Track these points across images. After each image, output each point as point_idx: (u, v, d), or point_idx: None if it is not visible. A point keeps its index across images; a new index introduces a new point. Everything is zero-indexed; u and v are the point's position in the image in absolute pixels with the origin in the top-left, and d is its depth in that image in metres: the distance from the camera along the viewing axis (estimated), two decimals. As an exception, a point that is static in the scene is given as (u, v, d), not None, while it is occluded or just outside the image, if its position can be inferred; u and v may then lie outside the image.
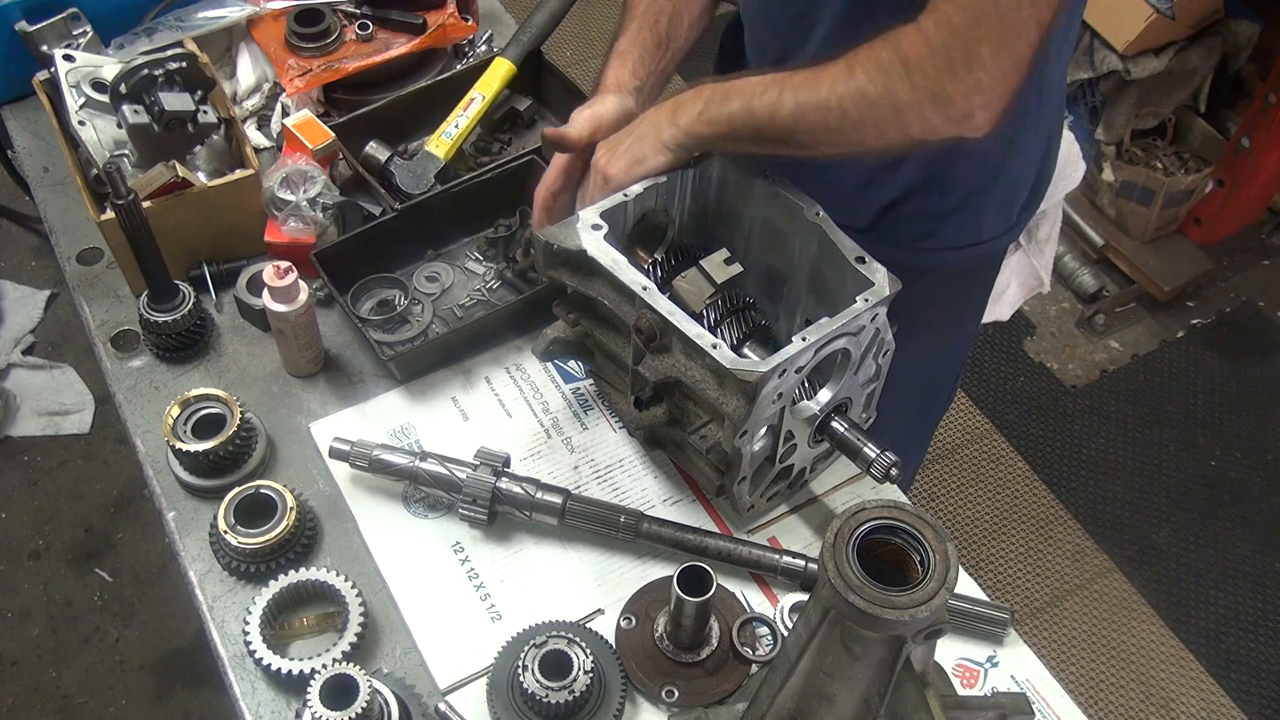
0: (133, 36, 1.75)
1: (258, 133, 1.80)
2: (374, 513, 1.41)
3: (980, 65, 1.10)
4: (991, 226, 1.56)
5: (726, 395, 1.20)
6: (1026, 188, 1.57)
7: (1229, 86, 3.33)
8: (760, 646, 1.30)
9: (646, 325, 1.24)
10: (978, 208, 1.52)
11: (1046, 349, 3.28)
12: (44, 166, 1.83)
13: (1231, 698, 2.62)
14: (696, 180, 1.39)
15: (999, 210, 1.55)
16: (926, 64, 1.12)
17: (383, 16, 1.82)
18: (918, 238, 1.54)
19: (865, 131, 1.19)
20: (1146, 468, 3.03)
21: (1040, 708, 1.28)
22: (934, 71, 1.12)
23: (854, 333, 1.24)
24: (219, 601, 1.34)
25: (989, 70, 1.10)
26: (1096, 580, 2.81)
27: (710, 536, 1.35)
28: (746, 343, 1.34)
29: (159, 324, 1.51)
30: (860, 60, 1.17)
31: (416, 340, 1.55)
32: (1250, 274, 3.46)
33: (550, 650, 1.20)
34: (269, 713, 1.26)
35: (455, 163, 1.71)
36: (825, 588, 0.85)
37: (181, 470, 1.42)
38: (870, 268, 1.25)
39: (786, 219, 1.35)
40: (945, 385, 1.94)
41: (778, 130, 1.24)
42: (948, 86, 1.12)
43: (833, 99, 1.18)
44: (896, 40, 1.14)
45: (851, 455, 1.32)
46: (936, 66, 1.12)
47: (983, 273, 1.71)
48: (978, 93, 1.12)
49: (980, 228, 1.55)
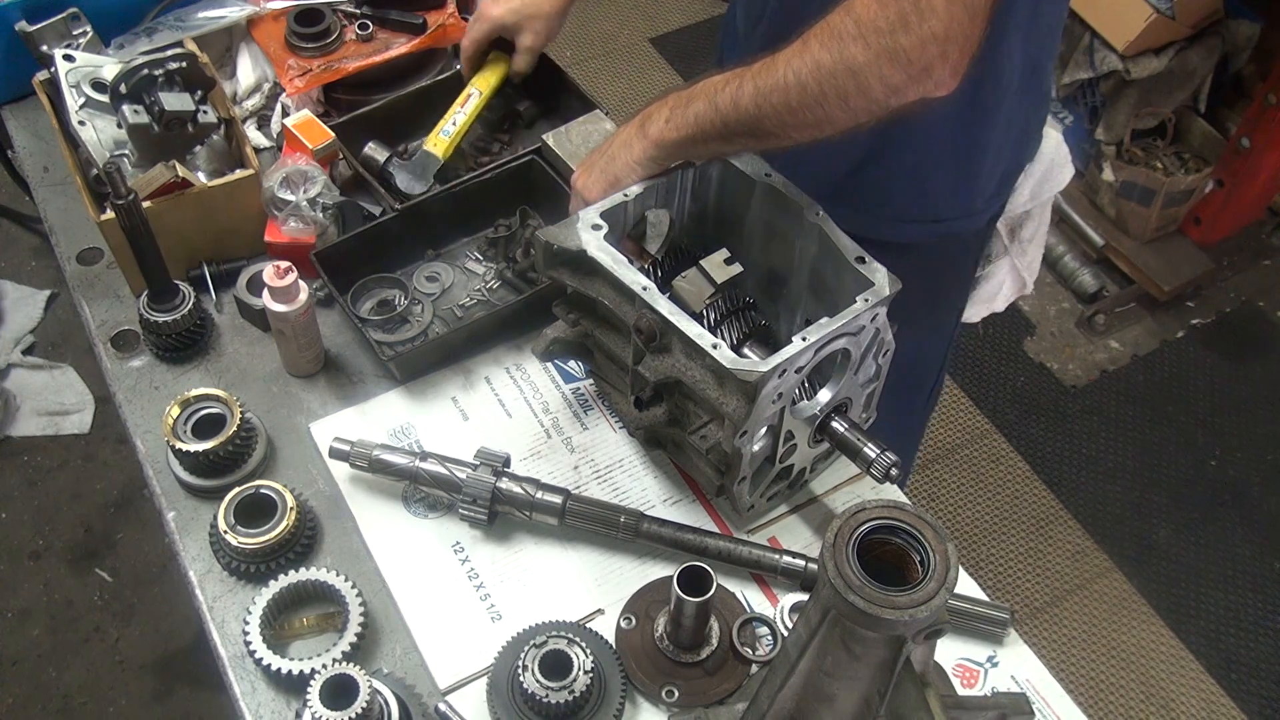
0: (133, 36, 1.75)
1: (258, 133, 1.80)
2: (374, 513, 1.41)
3: (933, 14, 1.09)
4: (948, 205, 1.57)
5: (726, 395, 1.20)
6: (991, 175, 1.57)
7: (1229, 86, 3.33)
8: (760, 646, 1.30)
9: (646, 325, 1.24)
10: (931, 180, 1.53)
11: (1046, 349, 3.28)
12: (44, 166, 1.83)
13: (1231, 698, 2.62)
14: (696, 180, 1.39)
15: (956, 189, 1.56)
16: (879, 19, 1.11)
17: (383, 16, 1.82)
18: (871, 205, 1.54)
19: (829, 104, 1.17)
20: (1146, 468, 3.03)
21: (1040, 708, 1.28)
22: (886, 26, 1.11)
23: (854, 333, 1.24)
24: (219, 601, 1.34)
25: (942, 18, 1.09)
26: (1096, 580, 2.81)
27: (710, 536, 1.35)
28: (746, 343, 1.34)
29: (159, 324, 1.51)
30: (814, 33, 1.17)
31: (416, 340, 1.55)
32: (1250, 274, 3.46)
33: (550, 650, 1.20)
34: (269, 713, 1.26)
35: (455, 161, 1.71)
36: (825, 588, 0.85)
37: (181, 470, 1.42)
38: (870, 268, 1.25)
39: (786, 219, 1.35)
40: (924, 379, 1.94)
41: (743, 121, 1.23)
42: (902, 40, 1.11)
43: (790, 76, 1.18)
44: (848, 5, 1.15)
45: (851, 455, 1.32)
46: (889, 20, 1.11)
47: (951, 259, 1.71)
48: (933, 43, 1.10)
49: (935, 204, 1.56)
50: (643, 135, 1.32)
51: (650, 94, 3.78)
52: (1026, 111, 1.55)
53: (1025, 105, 1.53)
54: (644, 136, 1.32)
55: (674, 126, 1.29)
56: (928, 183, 1.54)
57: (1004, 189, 1.63)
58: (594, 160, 1.37)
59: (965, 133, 1.49)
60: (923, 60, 1.12)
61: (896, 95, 1.15)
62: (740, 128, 1.25)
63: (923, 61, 1.12)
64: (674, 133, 1.29)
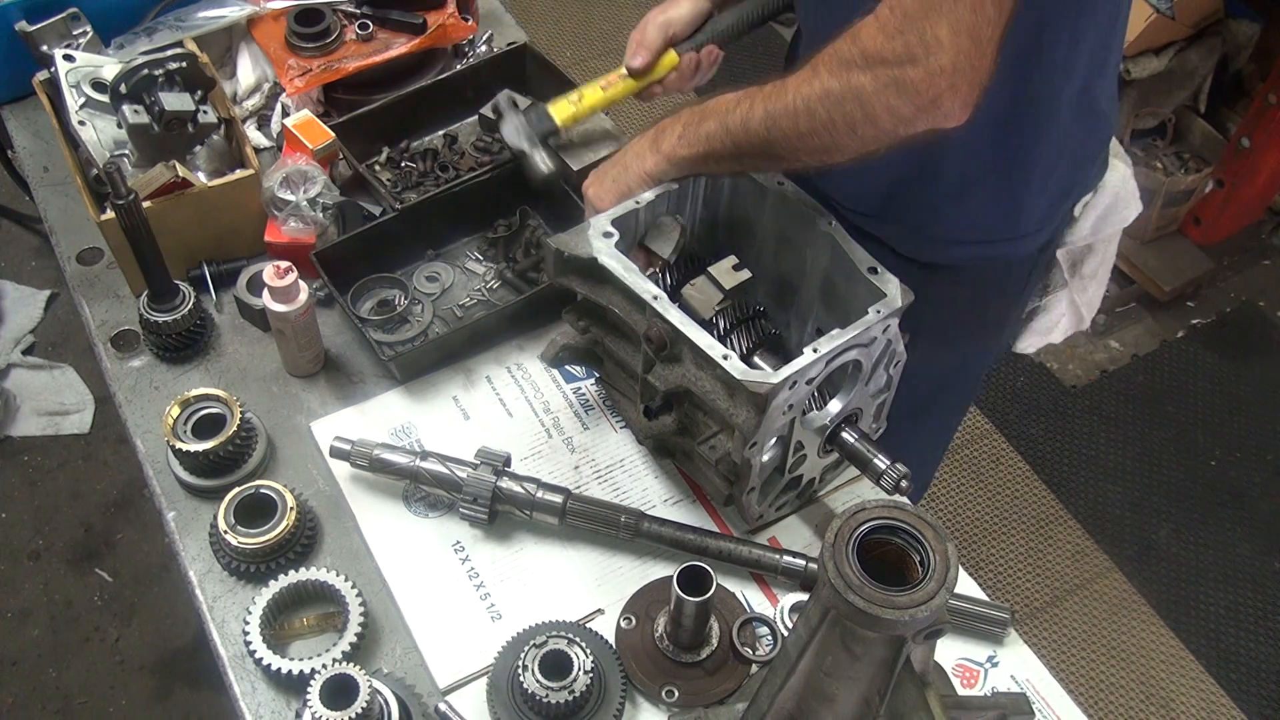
0: (133, 36, 1.75)
1: (258, 133, 1.80)
2: (374, 512, 1.41)
3: (939, 48, 1.08)
4: (994, 227, 1.55)
5: (737, 406, 1.19)
6: (1039, 198, 1.53)
7: (1229, 86, 3.33)
8: (760, 646, 1.30)
9: (657, 334, 1.23)
10: (974, 199, 1.51)
11: (1046, 349, 3.28)
12: (44, 166, 1.83)
13: (1231, 698, 2.62)
14: (708, 188, 1.39)
15: (1001, 211, 1.54)
16: (885, 51, 1.11)
17: (383, 16, 1.82)
18: (915, 224, 1.53)
19: (838, 131, 1.17)
20: (1146, 468, 3.03)
21: (1040, 708, 1.28)
22: (893, 58, 1.11)
23: (865, 344, 1.23)
24: (219, 601, 1.34)
25: (949, 52, 1.08)
26: (1096, 580, 2.81)
27: (710, 536, 1.35)
28: (757, 351, 1.33)
29: (159, 324, 1.51)
30: (823, 59, 1.17)
31: (416, 340, 1.55)
32: (1250, 274, 3.46)
33: (550, 650, 1.20)
34: (269, 713, 1.26)
35: (456, 160, 1.70)
36: (825, 588, 0.85)
37: (181, 470, 1.42)
38: (883, 278, 1.24)
39: (798, 228, 1.35)
40: (961, 401, 1.91)
41: (753, 143, 1.24)
42: (909, 73, 1.10)
43: (799, 101, 1.18)
44: (855, 33, 1.14)
45: (861, 466, 1.31)
46: (895, 53, 1.10)
47: (998, 284, 1.67)
48: (941, 76, 1.10)
49: (980, 225, 1.54)
50: (656, 149, 1.32)
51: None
52: (1079, 133, 1.50)
53: (1077, 127, 1.48)
54: (657, 150, 1.32)
55: (686, 143, 1.30)
56: (970, 201, 1.51)
57: (1055, 213, 1.58)
58: (606, 170, 1.38)
59: (1007, 152, 1.46)
60: (930, 93, 1.11)
61: (905, 125, 1.15)
62: (751, 149, 1.25)
63: (930, 94, 1.11)
64: (686, 149, 1.30)
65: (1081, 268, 1.75)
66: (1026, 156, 1.48)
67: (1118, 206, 1.65)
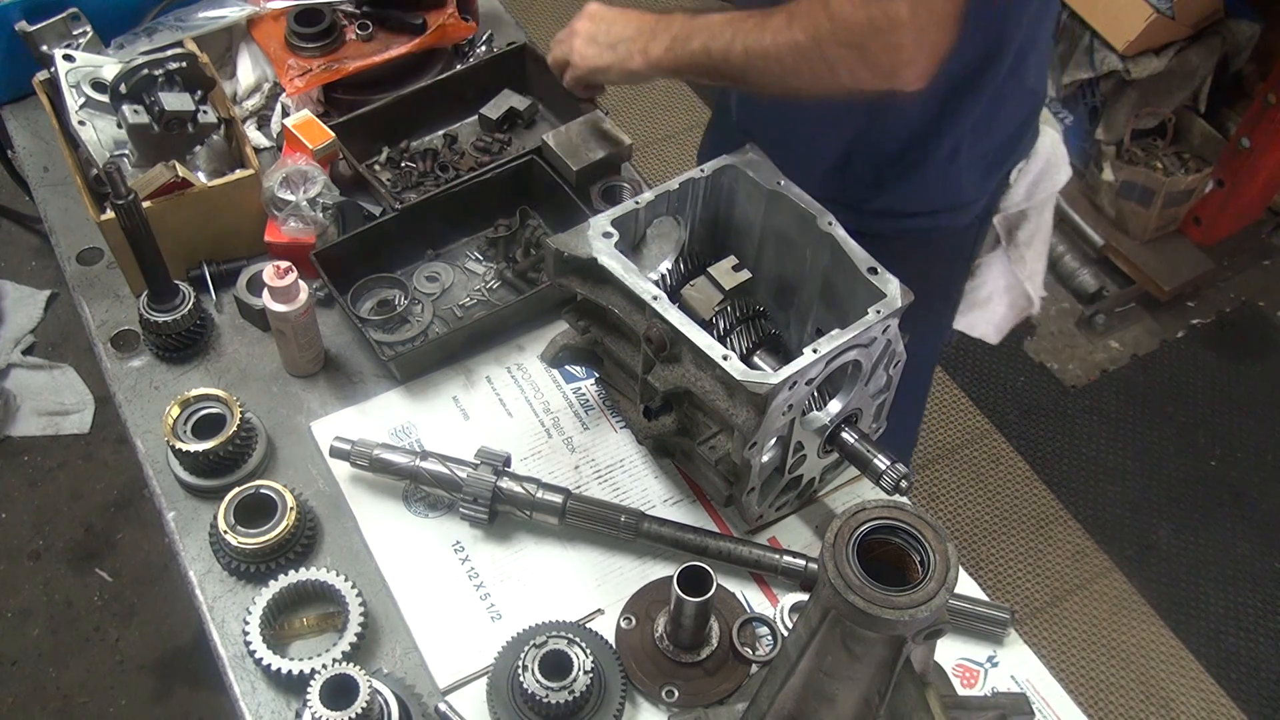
0: (133, 36, 1.75)
1: (258, 133, 1.80)
2: (374, 512, 1.41)
3: (900, 25, 1.16)
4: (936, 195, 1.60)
5: (736, 406, 1.19)
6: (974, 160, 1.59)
7: (1229, 86, 3.33)
8: (760, 646, 1.30)
9: (657, 335, 1.23)
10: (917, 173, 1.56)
11: (1046, 349, 3.28)
12: (44, 166, 1.83)
13: (1231, 698, 2.62)
14: (708, 189, 1.39)
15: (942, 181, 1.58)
16: (850, 22, 1.19)
17: (383, 16, 1.82)
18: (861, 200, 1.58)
19: (802, 78, 1.28)
20: (1146, 468, 3.03)
21: (1040, 708, 1.28)
22: (858, 30, 1.18)
23: (865, 344, 1.23)
24: (219, 601, 1.34)
25: (909, 28, 1.16)
26: (1096, 580, 2.81)
27: (710, 536, 1.35)
28: (757, 351, 1.33)
29: (159, 324, 1.51)
30: (798, 13, 1.25)
31: (416, 340, 1.55)
32: (1250, 274, 3.46)
33: (550, 650, 1.20)
34: (269, 713, 1.26)
35: (457, 161, 1.70)
36: (825, 588, 0.85)
37: (181, 470, 1.42)
38: (882, 279, 1.25)
39: (798, 228, 1.35)
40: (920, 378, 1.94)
41: (731, 71, 1.35)
42: (871, 45, 1.19)
43: (773, 48, 1.27)
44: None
45: (861, 466, 1.31)
46: (860, 25, 1.18)
47: (945, 255, 1.73)
48: (901, 51, 1.18)
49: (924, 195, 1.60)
50: (645, 52, 1.42)
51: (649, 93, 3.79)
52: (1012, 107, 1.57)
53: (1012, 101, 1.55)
54: (644, 54, 1.42)
55: (673, 56, 1.40)
56: (913, 174, 1.57)
57: (991, 180, 1.65)
58: (594, 33, 1.47)
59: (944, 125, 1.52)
60: (890, 65, 1.19)
61: (864, 86, 1.23)
62: (728, 74, 1.36)
63: (890, 66, 1.20)
64: (671, 61, 1.40)
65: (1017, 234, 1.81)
66: (963, 129, 1.54)
67: (1049, 171, 1.72)
